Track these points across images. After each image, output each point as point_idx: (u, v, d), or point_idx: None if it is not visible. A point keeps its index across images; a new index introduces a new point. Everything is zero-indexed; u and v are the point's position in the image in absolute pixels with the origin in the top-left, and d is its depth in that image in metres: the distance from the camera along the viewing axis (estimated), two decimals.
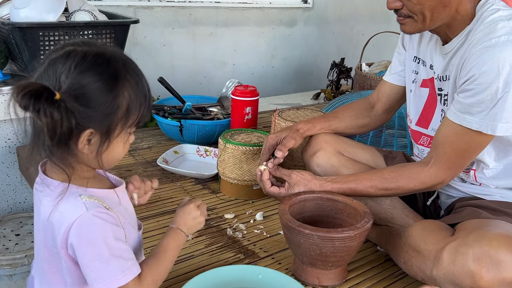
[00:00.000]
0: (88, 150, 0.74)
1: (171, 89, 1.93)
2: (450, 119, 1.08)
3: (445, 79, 1.16)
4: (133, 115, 0.75)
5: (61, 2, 1.74)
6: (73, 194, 0.75)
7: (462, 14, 1.09)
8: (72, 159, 0.75)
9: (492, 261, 0.89)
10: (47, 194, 0.76)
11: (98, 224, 0.73)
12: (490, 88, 0.99)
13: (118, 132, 0.75)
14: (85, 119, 0.70)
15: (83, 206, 0.73)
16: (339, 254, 1.05)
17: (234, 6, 2.87)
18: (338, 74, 2.89)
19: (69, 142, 0.72)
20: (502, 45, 0.99)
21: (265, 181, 1.21)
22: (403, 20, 1.12)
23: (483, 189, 1.18)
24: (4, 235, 1.70)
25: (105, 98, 0.71)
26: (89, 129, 0.72)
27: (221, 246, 1.27)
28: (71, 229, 0.73)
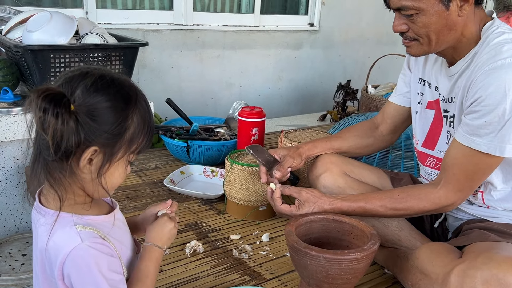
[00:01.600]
0: (88, 170, 0.73)
1: (179, 110, 1.95)
2: (459, 141, 1.08)
3: (451, 101, 1.17)
4: (137, 141, 0.76)
5: (72, 25, 1.78)
6: (68, 223, 0.74)
7: (467, 37, 1.10)
8: (70, 180, 0.73)
9: (501, 284, 0.88)
10: (42, 223, 0.75)
11: (93, 255, 0.72)
12: (497, 109, 1.00)
13: (120, 156, 0.75)
14: (92, 135, 0.71)
15: (78, 237, 0.72)
16: (346, 276, 1.04)
17: (241, 29, 2.91)
18: (344, 96, 2.91)
19: (71, 160, 0.71)
20: (508, 67, 1.00)
21: (276, 199, 1.21)
22: (409, 43, 1.13)
23: (491, 212, 1.18)
24: (11, 255, 1.70)
25: (114, 118, 0.72)
26: (94, 147, 0.72)
27: (227, 267, 1.26)
28: (66, 260, 0.71)
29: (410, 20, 1.08)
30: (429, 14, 1.05)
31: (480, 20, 1.11)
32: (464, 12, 1.06)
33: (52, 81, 0.94)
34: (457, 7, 1.05)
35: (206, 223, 1.49)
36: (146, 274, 0.83)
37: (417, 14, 1.06)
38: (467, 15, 1.07)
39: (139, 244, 0.91)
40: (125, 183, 1.75)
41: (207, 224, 1.49)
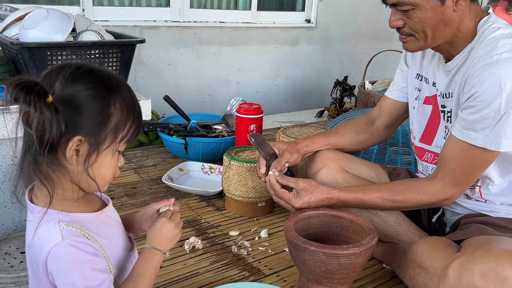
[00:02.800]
0: (76, 161, 0.72)
1: (177, 107, 1.95)
2: (455, 136, 1.08)
3: (448, 96, 1.18)
4: (122, 129, 0.75)
5: (69, 22, 1.77)
6: (52, 220, 0.73)
7: (463, 32, 1.11)
8: (59, 174, 0.72)
9: (499, 277, 0.89)
10: (30, 219, 0.75)
11: (72, 254, 0.71)
12: (493, 104, 1.00)
13: (107, 144, 0.74)
14: (75, 125, 0.70)
15: (60, 234, 0.71)
16: (345, 271, 1.05)
17: (238, 26, 2.91)
18: (341, 92, 2.91)
19: (57, 152, 0.70)
20: (503, 62, 1.00)
21: (275, 184, 1.21)
22: (405, 39, 1.13)
23: (489, 206, 1.18)
24: (9, 253, 1.69)
25: (96, 106, 0.71)
26: (78, 136, 0.70)
27: (226, 263, 1.27)
28: (48, 257, 0.71)
29: (406, 15, 1.08)
30: (424, 9, 1.06)
31: (476, 16, 1.11)
32: (459, 7, 1.07)
33: None
34: (453, 3, 1.06)
35: (205, 220, 1.50)
36: (138, 274, 0.81)
37: (413, 10, 1.06)
38: (462, 10, 1.08)
39: (133, 242, 0.90)
40: (123, 180, 1.75)
41: (205, 220, 1.49)
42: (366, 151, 1.69)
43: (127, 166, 1.88)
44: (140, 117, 0.79)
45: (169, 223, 0.86)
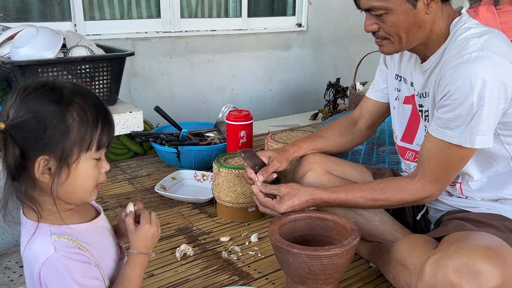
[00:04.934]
0: (49, 179, 0.73)
1: (167, 117, 1.98)
2: (432, 135, 1.11)
3: (425, 95, 1.20)
4: (88, 137, 0.74)
5: (59, 39, 1.81)
6: (44, 234, 0.75)
7: (437, 34, 1.13)
8: (37, 193, 0.74)
9: (472, 272, 0.91)
10: (24, 234, 0.78)
11: (66, 265, 0.73)
12: (465, 103, 1.03)
13: (76, 156, 0.73)
14: (35, 146, 0.70)
15: (52, 247, 0.73)
16: (328, 271, 1.08)
17: (229, 33, 2.95)
18: (334, 94, 2.94)
19: (29, 175, 0.72)
20: (473, 61, 1.03)
21: (257, 194, 1.25)
22: (380, 42, 1.16)
23: (470, 202, 1.20)
24: (9, 267, 1.73)
25: (50, 121, 0.71)
26: (42, 156, 0.71)
27: (216, 269, 1.30)
28: (41, 269, 0.73)
29: (380, 20, 1.11)
30: (397, 13, 1.09)
31: (448, 17, 1.14)
32: (431, 9, 1.09)
33: None
34: (424, 5, 1.09)
35: (197, 227, 1.53)
36: (130, 279, 0.84)
37: (386, 14, 1.09)
38: (434, 12, 1.10)
39: (124, 251, 0.93)
40: (117, 191, 1.78)
41: (197, 227, 1.52)
42: (354, 152, 1.72)
43: (121, 177, 1.92)
44: (108, 120, 0.78)
45: (152, 227, 0.88)
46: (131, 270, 0.84)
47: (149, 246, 0.88)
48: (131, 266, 0.85)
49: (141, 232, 0.88)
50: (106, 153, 0.99)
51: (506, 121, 1.09)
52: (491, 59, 1.02)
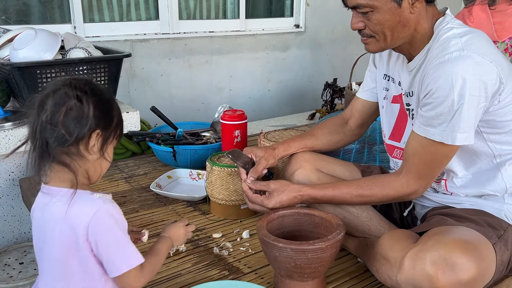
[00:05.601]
0: (94, 152, 0.90)
1: (163, 117, 2.02)
2: (416, 132, 1.14)
3: (411, 94, 1.23)
4: (119, 128, 0.96)
5: (57, 41, 1.85)
6: (86, 194, 0.89)
7: (421, 33, 1.16)
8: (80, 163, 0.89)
9: (448, 264, 0.94)
10: (57, 200, 0.88)
11: (113, 215, 0.88)
12: (446, 101, 1.06)
13: (111, 139, 0.94)
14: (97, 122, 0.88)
15: (99, 201, 0.88)
16: (313, 265, 1.11)
17: (227, 35, 2.98)
18: (331, 94, 2.97)
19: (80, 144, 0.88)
20: (454, 60, 1.06)
21: (247, 191, 1.29)
22: (366, 40, 1.19)
23: (454, 198, 1.23)
24: (9, 264, 1.78)
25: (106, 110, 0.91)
26: (98, 130, 0.89)
27: (207, 264, 1.33)
28: (91, 222, 0.85)
29: (366, 17, 1.14)
30: (382, 11, 1.12)
31: (432, 17, 1.17)
32: (415, 9, 1.12)
33: None
34: (409, 5, 1.12)
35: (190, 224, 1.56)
36: (159, 252, 1.01)
37: (372, 12, 1.12)
38: (419, 12, 1.13)
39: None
40: (114, 189, 1.82)
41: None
42: (346, 150, 1.75)
43: (118, 175, 1.96)
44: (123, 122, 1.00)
45: (184, 229, 1.12)
46: (161, 246, 1.03)
47: (176, 238, 1.09)
48: (161, 243, 1.04)
49: (176, 226, 1.10)
50: None
51: (488, 119, 1.12)
52: (471, 58, 1.05)
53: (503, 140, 1.15)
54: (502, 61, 1.09)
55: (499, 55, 1.10)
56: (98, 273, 0.90)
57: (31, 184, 1.80)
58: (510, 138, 1.15)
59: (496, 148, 1.16)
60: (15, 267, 1.76)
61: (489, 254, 1.02)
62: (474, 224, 1.08)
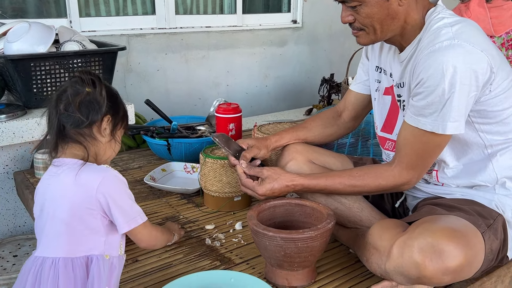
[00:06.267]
0: (105, 133, 1.04)
1: (158, 110, 2.02)
2: (408, 122, 1.14)
3: (402, 85, 1.23)
4: (125, 119, 1.11)
5: (51, 34, 1.85)
6: (93, 165, 1.01)
7: (411, 24, 1.16)
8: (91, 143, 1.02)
9: (435, 251, 0.94)
10: (67, 168, 0.99)
11: (120, 180, 1.02)
12: (437, 90, 1.05)
13: (120, 126, 1.08)
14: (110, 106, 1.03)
15: (108, 168, 1.01)
16: (303, 254, 1.11)
17: (224, 30, 2.98)
18: (328, 89, 2.97)
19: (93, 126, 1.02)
20: (444, 49, 1.06)
21: (240, 174, 1.30)
22: (357, 33, 1.19)
23: (445, 189, 1.23)
24: (2, 257, 1.78)
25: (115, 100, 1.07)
26: (108, 115, 1.03)
27: (199, 254, 1.33)
28: (101, 184, 0.97)
29: (355, 11, 1.14)
30: (370, 5, 1.12)
31: (423, 8, 1.17)
32: (404, 1, 1.12)
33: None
34: None
35: (183, 216, 1.56)
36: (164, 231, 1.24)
37: (360, 6, 1.12)
38: (407, 4, 1.13)
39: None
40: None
41: (184, 216, 1.56)
42: (340, 144, 1.75)
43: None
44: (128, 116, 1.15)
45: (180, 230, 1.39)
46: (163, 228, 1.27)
47: (174, 229, 1.35)
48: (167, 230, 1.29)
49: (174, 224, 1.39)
50: None
51: (479, 109, 1.12)
52: (462, 47, 1.05)
53: (494, 130, 1.15)
54: (493, 50, 1.09)
55: (490, 44, 1.10)
56: (100, 234, 1.00)
57: (25, 177, 1.81)
58: (501, 128, 1.15)
59: (488, 139, 1.15)
60: (9, 259, 1.76)
61: (478, 242, 1.02)
62: (463, 213, 1.08)
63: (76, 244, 0.98)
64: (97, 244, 1.00)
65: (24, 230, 2.02)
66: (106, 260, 1.00)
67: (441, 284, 1.00)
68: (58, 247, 0.98)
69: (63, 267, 0.96)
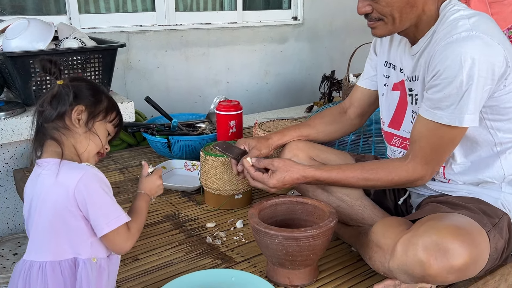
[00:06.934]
0: (79, 124, 1.00)
1: (158, 107, 2.00)
2: (423, 116, 1.11)
3: (415, 79, 1.20)
4: (111, 113, 1.06)
5: (50, 31, 1.84)
6: (73, 163, 0.97)
7: (427, 14, 1.14)
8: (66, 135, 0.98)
9: (440, 249, 0.93)
10: (47, 169, 0.95)
11: (100, 178, 0.95)
12: (455, 81, 1.03)
13: (101, 119, 1.04)
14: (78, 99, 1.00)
15: (86, 166, 0.96)
16: (305, 253, 1.10)
17: (224, 27, 2.96)
18: (329, 86, 2.95)
19: (65, 117, 0.98)
20: (462, 40, 1.04)
21: (249, 168, 1.27)
22: (374, 24, 1.16)
23: (451, 186, 1.21)
24: (2, 255, 1.77)
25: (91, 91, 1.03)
26: (81, 105, 0.99)
27: (200, 253, 1.32)
28: (78, 183, 0.91)
29: (373, 1, 1.12)
30: None
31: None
32: None
33: None
34: None
35: (184, 214, 1.55)
36: (140, 209, 1.07)
37: None
38: None
39: None
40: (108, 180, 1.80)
41: (184, 214, 1.55)
42: (341, 142, 1.73)
43: (113, 167, 1.94)
44: (122, 116, 1.11)
45: (159, 180, 1.15)
46: (140, 203, 1.09)
47: (153, 192, 1.14)
48: (140, 200, 1.09)
49: (151, 179, 1.14)
50: None
51: (491, 104, 1.10)
52: (481, 39, 1.03)
53: (505, 127, 1.13)
54: (508, 45, 1.07)
55: (505, 38, 1.08)
56: (85, 236, 0.95)
57: (25, 175, 1.79)
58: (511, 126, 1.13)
59: (498, 136, 1.14)
60: (8, 258, 1.75)
61: (483, 241, 1.01)
62: (469, 211, 1.07)
63: (62, 246, 0.94)
64: (83, 247, 0.95)
65: (24, 228, 2.01)
66: (93, 264, 0.96)
67: (445, 283, 0.99)
68: (44, 250, 0.94)
69: (50, 270, 0.93)
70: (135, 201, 1.09)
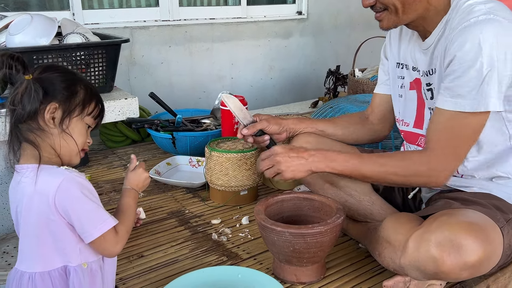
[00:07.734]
0: (53, 124, 0.91)
1: (162, 103, 1.99)
2: (442, 108, 1.07)
3: (432, 73, 1.16)
4: (88, 105, 0.96)
5: (53, 26, 1.82)
6: (52, 167, 0.90)
7: (435, 5, 1.11)
8: (42, 136, 0.90)
9: (453, 245, 0.91)
10: (26, 176, 0.89)
11: (80, 183, 0.89)
12: (474, 65, 1.00)
13: (77, 113, 0.94)
14: (50, 95, 0.90)
15: (65, 171, 0.89)
16: (312, 250, 1.08)
17: (228, 22, 2.94)
18: (334, 81, 2.93)
19: (38, 119, 0.89)
20: (480, 23, 1.00)
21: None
22: (380, 16, 1.14)
23: (464, 181, 1.17)
24: (7, 252, 1.76)
25: (65, 83, 0.93)
26: (54, 103, 0.90)
27: (206, 250, 1.30)
28: (58, 190, 0.86)
29: None
30: None
31: None
32: None
33: None
34: None
35: (189, 210, 1.53)
36: (128, 207, 1.01)
37: None
38: None
39: None
40: (112, 176, 1.80)
41: (189, 211, 1.53)
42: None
43: (117, 163, 1.93)
44: (101, 99, 1.00)
45: (145, 173, 1.09)
46: (127, 200, 1.03)
47: (140, 186, 1.07)
48: (127, 197, 1.03)
49: (137, 173, 1.07)
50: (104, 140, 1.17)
51: (510, 94, 1.05)
52: (500, 22, 1.00)
53: None
54: None
55: None
56: (73, 243, 0.91)
57: None
58: None
59: None
60: (13, 254, 1.74)
61: (496, 237, 0.98)
62: (481, 207, 1.04)
63: (51, 256, 0.90)
64: (72, 254, 0.91)
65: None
66: (84, 270, 0.92)
67: (458, 279, 0.97)
68: (33, 261, 0.91)
69: (40, 281, 0.90)
70: (122, 199, 1.03)
